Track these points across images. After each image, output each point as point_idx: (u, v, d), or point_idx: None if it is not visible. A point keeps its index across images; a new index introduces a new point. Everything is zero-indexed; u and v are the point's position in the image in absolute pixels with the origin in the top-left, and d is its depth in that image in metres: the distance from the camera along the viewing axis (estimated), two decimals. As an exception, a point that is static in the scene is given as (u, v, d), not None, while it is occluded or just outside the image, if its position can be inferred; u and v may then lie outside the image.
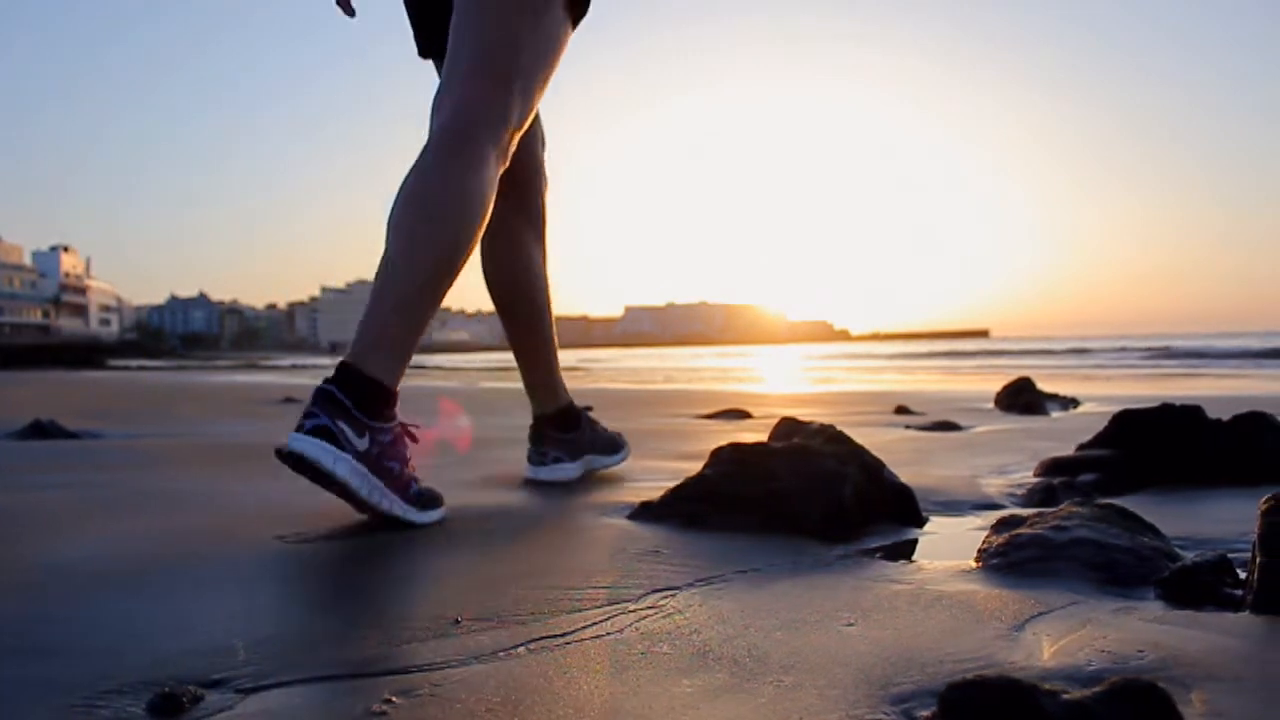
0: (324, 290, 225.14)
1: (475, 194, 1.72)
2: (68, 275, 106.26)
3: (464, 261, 1.74)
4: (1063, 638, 0.99)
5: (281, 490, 2.09)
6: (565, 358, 2.57)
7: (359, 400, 1.58)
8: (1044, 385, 7.14)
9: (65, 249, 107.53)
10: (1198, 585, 1.28)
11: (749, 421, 4.74)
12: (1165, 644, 0.96)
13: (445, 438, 3.66)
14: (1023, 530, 1.46)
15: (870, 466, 1.88)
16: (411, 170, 1.73)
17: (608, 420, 2.72)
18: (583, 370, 22.39)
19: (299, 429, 1.56)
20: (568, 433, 2.37)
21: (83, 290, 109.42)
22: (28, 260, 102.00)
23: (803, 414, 5.34)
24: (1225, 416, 2.47)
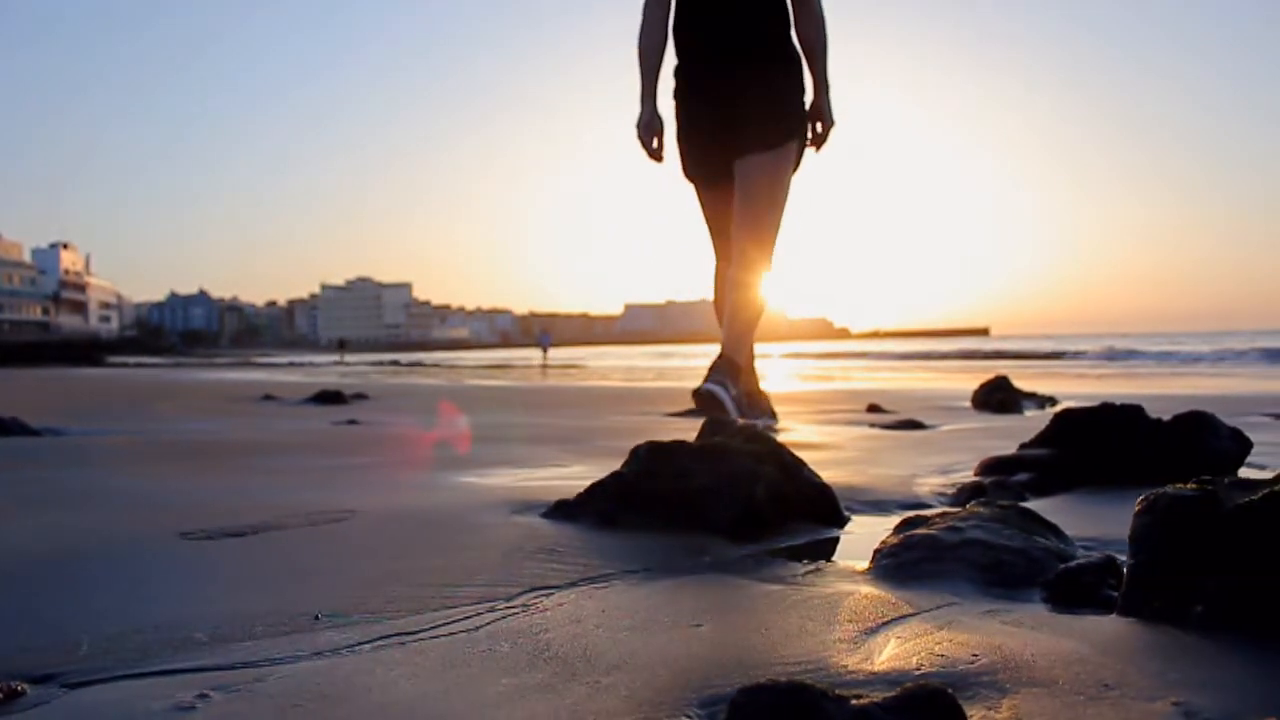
0: (324, 287, 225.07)
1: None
2: (67, 272, 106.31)
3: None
4: (911, 641, 0.99)
5: (211, 487, 2.10)
6: (564, 355, 2.60)
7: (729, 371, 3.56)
8: (1029, 384, 7.14)
9: (65, 246, 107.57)
10: (1080, 587, 1.28)
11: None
12: (1007, 648, 0.96)
13: (399, 435, 3.66)
14: (917, 531, 1.46)
15: (788, 465, 1.88)
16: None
17: (573, 416, 2.76)
18: (577, 367, 22.38)
19: (707, 380, 3.56)
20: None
21: (82, 287, 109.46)
22: (27, 257, 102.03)
23: (777, 410, 5.33)
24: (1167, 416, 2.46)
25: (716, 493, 1.73)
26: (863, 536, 1.78)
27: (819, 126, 3.85)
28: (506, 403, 6.56)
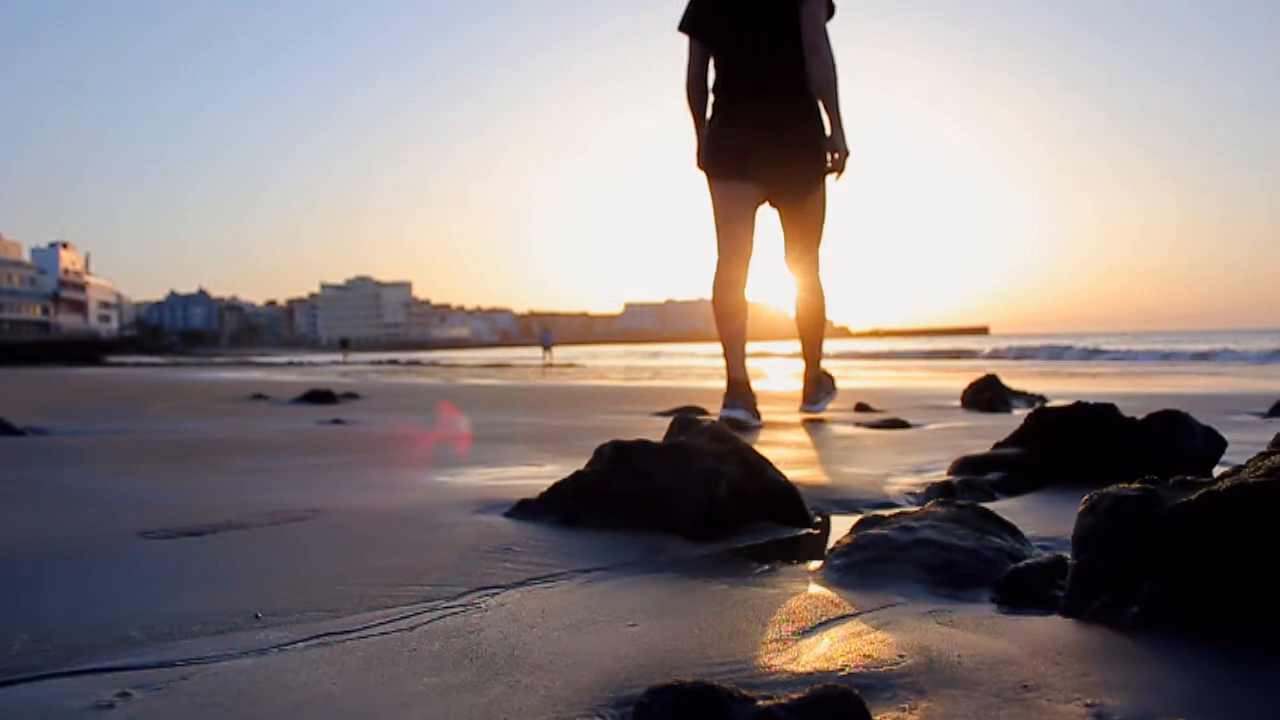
0: (323, 287, 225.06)
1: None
2: (67, 272, 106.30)
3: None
4: (842, 642, 0.99)
5: (181, 486, 2.10)
6: (564, 354, 2.63)
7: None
8: (1022, 383, 7.14)
9: (64, 245, 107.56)
10: (1028, 588, 1.28)
11: (701, 419, 4.73)
12: (936, 649, 0.96)
13: (380, 435, 3.67)
14: (870, 531, 1.46)
15: (752, 465, 1.88)
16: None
17: (560, 416, 2.76)
18: (575, 366, 22.38)
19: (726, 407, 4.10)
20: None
21: (82, 287, 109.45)
22: (27, 256, 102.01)
23: (761, 410, 5.34)
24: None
25: (678, 492, 1.73)
26: (824, 535, 1.78)
27: (836, 156, 4.30)
28: (497, 402, 6.57)
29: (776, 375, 13.53)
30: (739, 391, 4.26)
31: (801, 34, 4.10)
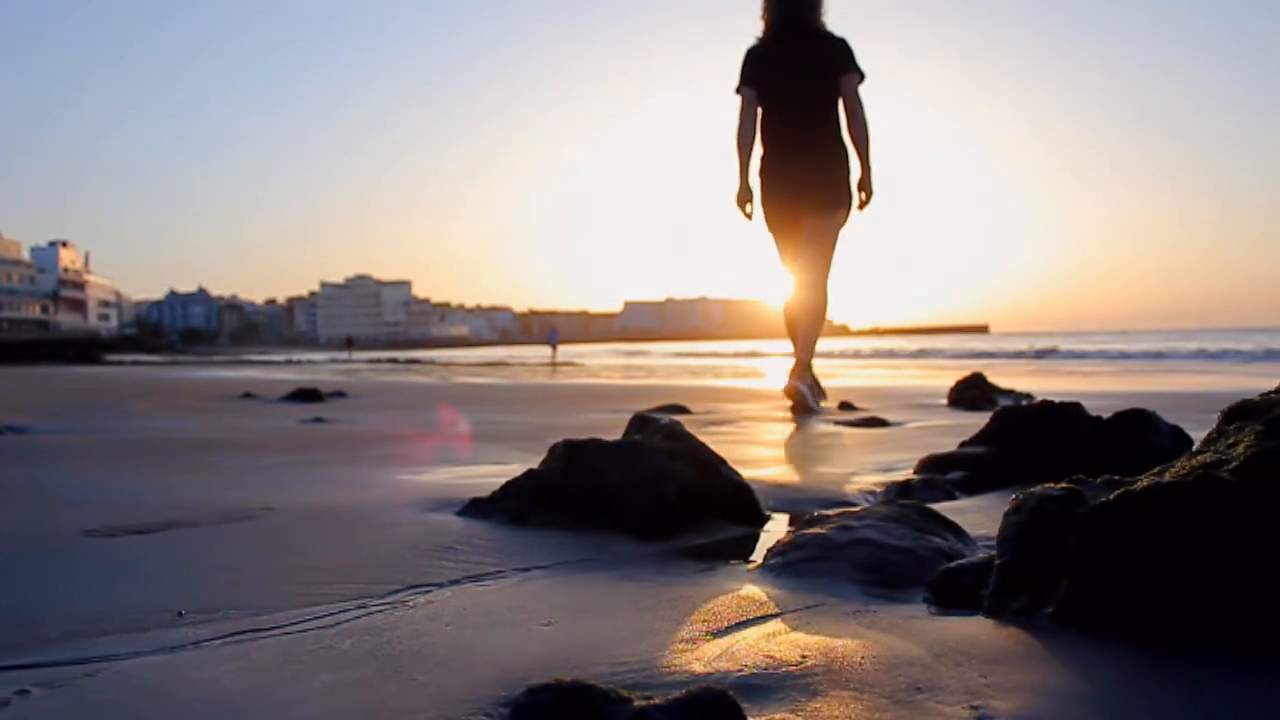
0: (323, 285, 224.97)
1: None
2: (66, 270, 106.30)
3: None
4: (752, 642, 1.00)
5: (140, 484, 2.10)
6: (563, 352, 2.64)
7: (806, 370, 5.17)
8: (1013, 381, 7.13)
9: (64, 244, 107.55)
10: (960, 588, 1.28)
11: (683, 417, 4.74)
12: (842, 650, 0.96)
13: (357, 434, 3.67)
14: (810, 530, 1.46)
15: (705, 464, 1.88)
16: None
17: (545, 414, 2.77)
18: (573, 365, 22.37)
19: (793, 379, 5.06)
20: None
21: (81, 286, 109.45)
22: (26, 255, 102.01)
23: (745, 408, 5.35)
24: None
25: (626, 491, 1.74)
26: (776, 535, 1.78)
27: (864, 196, 5.31)
28: (486, 401, 6.57)
29: (774, 374, 13.54)
30: (803, 374, 5.25)
31: (843, 100, 5.23)
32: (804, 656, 0.93)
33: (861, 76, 5.29)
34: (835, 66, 5.20)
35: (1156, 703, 0.80)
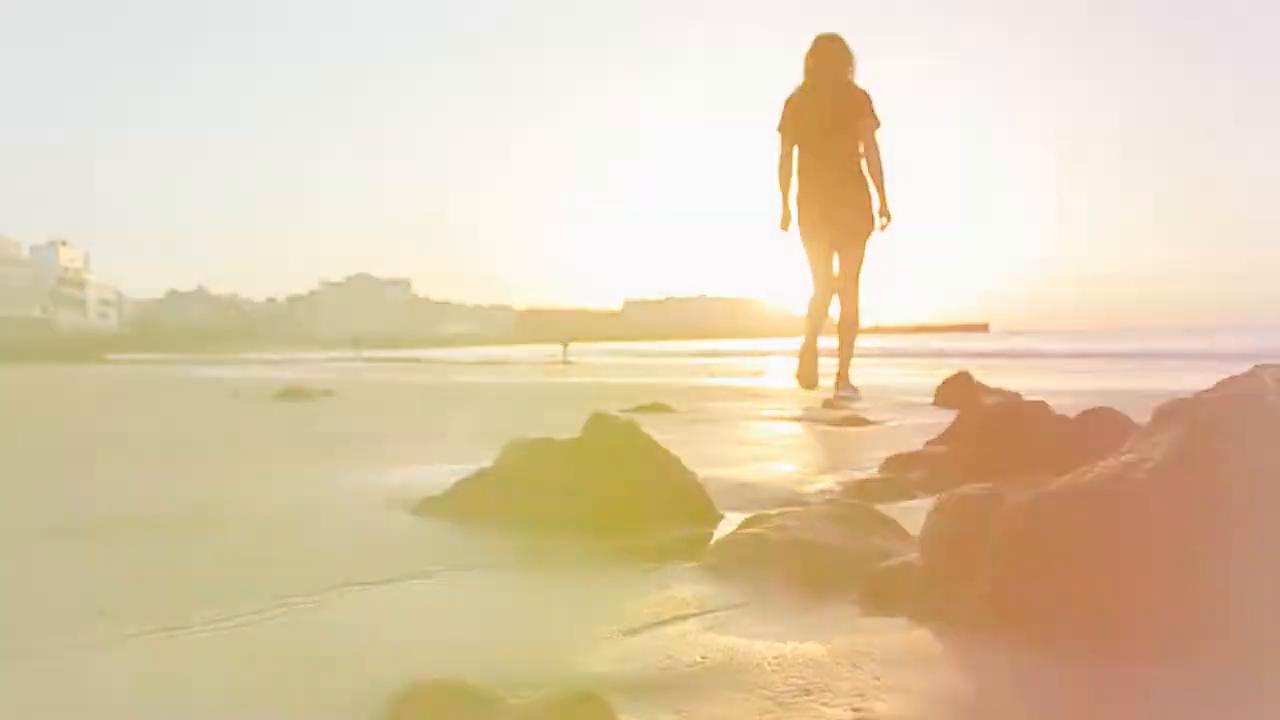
0: (323, 284, 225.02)
1: None
2: (66, 270, 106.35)
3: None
4: (659, 642, 1.00)
5: (97, 484, 2.10)
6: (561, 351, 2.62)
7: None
8: (1005, 380, 7.11)
9: (63, 243, 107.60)
10: (888, 589, 1.28)
11: (666, 416, 4.74)
12: (747, 651, 0.96)
13: (334, 433, 3.67)
14: (747, 530, 1.46)
15: (660, 463, 1.88)
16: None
17: (530, 413, 2.77)
18: (570, 364, 22.34)
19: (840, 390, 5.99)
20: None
21: (81, 285, 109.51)
22: (25, 255, 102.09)
23: (732, 407, 5.35)
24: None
25: (578, 491, 1.74)
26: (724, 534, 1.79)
27: (884, 220, 6.29)
28: (474, 400, 6.57)
29: (770, 373, 13.53)
30: (844, 384, 6.23)
31: (863, 144, 6.23)
32: (704, 657, 0.93)
33: (879, 124, 6.36)
34: (858, 115, 6.29)
35: (1030, 703, 0.80)
